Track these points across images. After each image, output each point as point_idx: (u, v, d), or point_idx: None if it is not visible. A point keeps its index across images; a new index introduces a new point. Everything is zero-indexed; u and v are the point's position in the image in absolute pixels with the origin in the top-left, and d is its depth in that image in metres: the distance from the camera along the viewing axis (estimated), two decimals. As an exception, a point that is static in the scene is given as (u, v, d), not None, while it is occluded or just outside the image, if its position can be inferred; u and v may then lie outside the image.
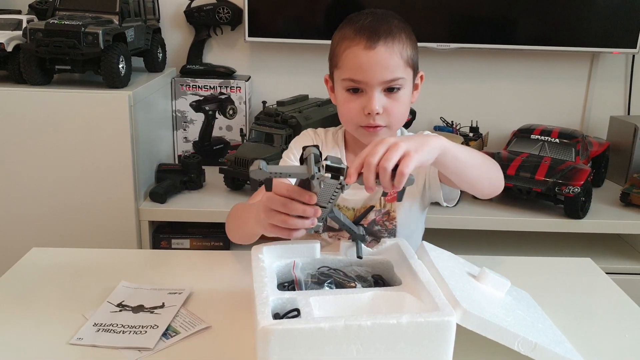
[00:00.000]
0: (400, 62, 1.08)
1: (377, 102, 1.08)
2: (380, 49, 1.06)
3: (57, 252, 1.23)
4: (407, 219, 1.19)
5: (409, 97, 1.14)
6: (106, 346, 0.88)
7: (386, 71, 1.07)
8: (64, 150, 1.69)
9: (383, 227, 1.18)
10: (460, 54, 2.20)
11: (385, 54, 1.06)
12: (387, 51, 1.07)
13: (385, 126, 1.11)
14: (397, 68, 1.08)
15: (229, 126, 2.13)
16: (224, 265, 1.18)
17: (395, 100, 1.10)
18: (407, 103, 1.13)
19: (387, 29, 1.08)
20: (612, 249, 2.00)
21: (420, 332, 0.77)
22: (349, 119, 1.14)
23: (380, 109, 1.08)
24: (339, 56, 1.12)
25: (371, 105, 1.08)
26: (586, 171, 1.78)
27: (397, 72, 1.08)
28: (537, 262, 1.25)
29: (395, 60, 1.07)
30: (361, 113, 1.10)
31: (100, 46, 1.62)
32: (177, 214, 1.81)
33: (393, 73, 1.08)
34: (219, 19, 2.10)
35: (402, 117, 1.13)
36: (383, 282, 0.96)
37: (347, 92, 1.12)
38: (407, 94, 1.12)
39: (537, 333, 0.86)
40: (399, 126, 1.16)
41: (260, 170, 0.80)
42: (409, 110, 1.16)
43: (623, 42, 2.12)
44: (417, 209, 1.22)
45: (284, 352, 0.74)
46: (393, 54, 1.07)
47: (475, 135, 2.14)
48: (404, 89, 1.11)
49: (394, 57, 1.07)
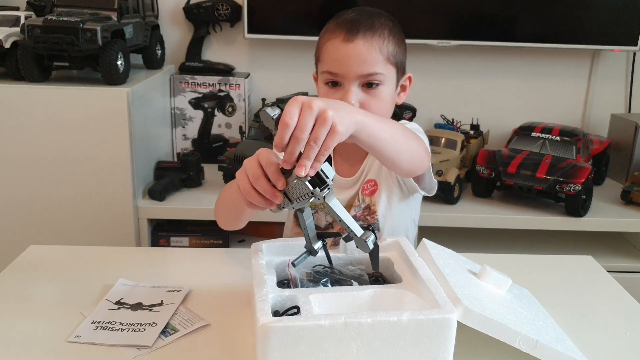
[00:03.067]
0: (379, 57, 1.06)
1: (353, 96, 1.06)
2: (359, 42, 1.05)
3: (55, 249, 1.22)
4: (388, 212, 1.18)
5: (391, 96, 1.12)
6: (104, 344, 0.87)
7: (363, 65, 1.05)
8: (62, 147, 1.68)
9: (365, 222, 1.17)
10: (461, 52, 2.19)
11: (363, 48, 1.05)
12: (365, 45, 1.05)
13: None
14: (376, 63, 1.06)
15: (228, 124, 2.13)
16: (223, 263, 1.17)
17: (374, 97, 1.08)
18: (388, 101, 1.11)
19: (369, 24, 1.06)
20: (613, 247, 1.99)
21: (421, 329, 0.76)
22: None
23: (356, 104, 1.06)
24: (320, 49, 1.12)
25: (347, 99, 1.05)
26: (587, 169, 1.77)
27: (376, 67, 1.06)
28: (538, 260, 1.25)
29: (373, 55, 1.06)
30: None
31: (98, 43, 1.61)
32: (176, 212, 1.81)
33: (371, 67, 1.06)
34: (218, 15, 2.10)
35: (381, 114, 1.06)
36: (383, 279, 0.95)
37: (326, 85, 1.11)
38: (388, 91, 1.10)
39: (538, 331, 0.85)
40: None
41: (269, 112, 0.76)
42: (392, 109, 1.14)
43: (624, 40, 2.11)
44: (396, 200, 1.19)
45: (284, 349, 0.74)
46: (371, 48, 1.06)
47: (476, 133, 2.14)
48: (384, 85, 1.08)
49: (372, 52, 1.06)
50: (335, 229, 1.19)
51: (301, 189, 0.78)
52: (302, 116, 0.74)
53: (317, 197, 0.78)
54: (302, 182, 0.77)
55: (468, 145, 2.02)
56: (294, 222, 1.25)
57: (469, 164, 2.02)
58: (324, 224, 1.21)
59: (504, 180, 1.84)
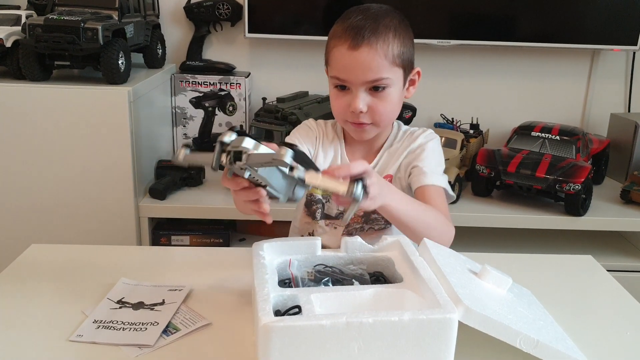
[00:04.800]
0: (384, 62, 1.09)
1: (360, 102, 1.10)
2: (364, 50, 1.08)
3: (56, 248, 1.22)
4: None
5: (398, 95, 1.15)
6: (106, 343, 0.87)
7: (369, 72, 1.09)
8: (63, 146, 1.69)
9: (380, 215, 1.18)
10: (461, 51, 2.19)
11: (368, 56, 1.08)
12: (370, 52, 1.08)
13: (370, 124, 1.14)
14: (381, 69, 1.09)
15: (229, 123, 2.13)
16: (225, 262, 1.18)
17: (381, 100, 1.12)
18: (396, 101, 1.15)
19: (373, 29, 1.08)
20: (613, 246, 1.99)
21: (422, 329, 0.76)
22: (338, 114, 1.17)
23: (364, 108, 1.11)
24: (329, 53, 1.15)
25: (354, 105, 1.10)
26: (587, 168, 1.78)
27: (381, 72, 1.09)
28: (538, 260, 1.25)
29: (378, 62, 1.08)
30: (347, 110, 1.13)
31: (99, 42, 1.61)
32: (177, 211, 1.81)
33: (376, 74, 1.09)
34: (218, 14, 2.10)
35: (389, 114, 1.15)
36: (384, 279, 0.96)
37: (335, 88, 1.15)
38: (395, 92, 1.13)
39: (539, 330, 0.85)
40: (386, 123, 1.18)
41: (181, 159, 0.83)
42: (399, 107, 1.18)
43: (623, 39, 2.12)
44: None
45: (285, 349, 0.74)
46: (376, 55, 1.08)
47: (475, 132, 2.14)
48: (391, 87, 1.12)
49: (377, 59, 1.08)
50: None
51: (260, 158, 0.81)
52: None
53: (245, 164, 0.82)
54: (233, 167, 0.84)
55: (468, 144, 2.02)
56: (304, 213, 1.26)
57: (469, 163, 2.02)
58: (335, 213, 1.22)
59: (504, 179, 1.84)
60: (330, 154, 1.23)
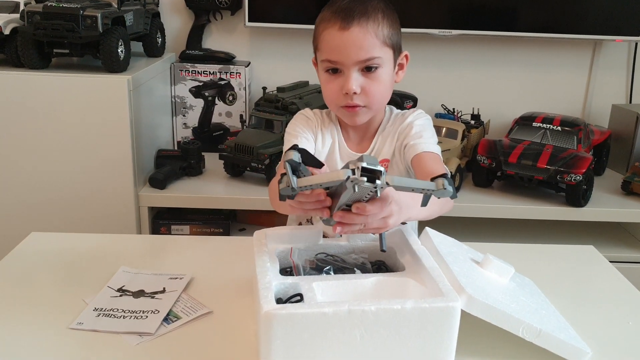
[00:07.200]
0: (376, 41, 1.09)
1: (354, 82, 1.10)
2: (355, 29, 1.08)
3: (57, 237, 1.22)
4: None
5: (390, 77, 1.15)
6: (107, 331, 0.87)
7: (361, 51, 1.08)
8: (63, 135, 1.68)
9: None
10: (462, 41, 2.18)
11: (359, 34, 1.08)
12: (361, 31, 1.08)
13: (364, 106, 1.13)
14: (373, 47, 1.09)
15: (229, 112, 2.12)
16: (225, 251, 1.17)
17: (374, 80, 1.11)
18: (388, 83, 1.14)
19: (362, 10, 1.09)
20: (613, 237, 1.99)
21: (425, 317, 0.76)
22: (331, 100, 1.16)
23: (357, 89, 1.10)
24: (318, 38, 1.15)
25: (348, 85, 1.10)
26: (588, 159, 1.77)
27: (373, 51, 1.09)
28: (539, 250, 1.25)
29: (370, 40, 1.08)
30: (340, 93, 1.12)
31: (99, 30, 1.60)
32: (177, 200, 1.80)
33: (368, 53, 1.09)
34: (218, 3, 2.08)
35: (382, 96, 1.15)
36: (386, 268, 0.95)
37: (326, 72, 1.14)
38: (387, 73, 1.13)
39: (542, 319, 0.85)
40: (379, 106, 1.17)
41: (289, 188, 0.76)
42: (390, 89, 1.17)
43: (626, 30, 2.10)
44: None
45: (287, 336, 0.74)
46: (367, 33, 1.08)
47: (476, 123, 2.13)
48: (383, 68, 1.12)
49: (368, 37, 1.08)
50: None
51: (363, 191, 0.77)
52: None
53: (378, 188, 0.77)
54: (361, 185, 0.75)
55: (469, 135, 2.02)
56: None
57: (470, 154, 2.01)
58: None
59: (505, 170, 1.84)
60: (328, 141, 1.23)
